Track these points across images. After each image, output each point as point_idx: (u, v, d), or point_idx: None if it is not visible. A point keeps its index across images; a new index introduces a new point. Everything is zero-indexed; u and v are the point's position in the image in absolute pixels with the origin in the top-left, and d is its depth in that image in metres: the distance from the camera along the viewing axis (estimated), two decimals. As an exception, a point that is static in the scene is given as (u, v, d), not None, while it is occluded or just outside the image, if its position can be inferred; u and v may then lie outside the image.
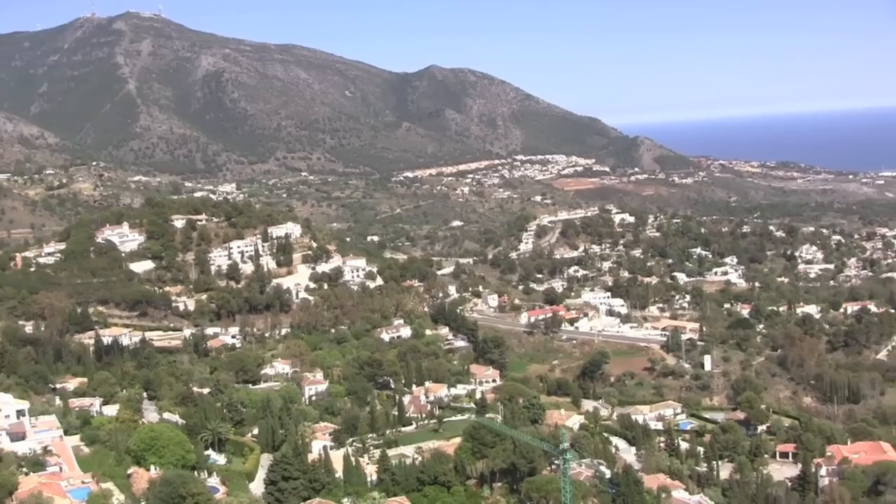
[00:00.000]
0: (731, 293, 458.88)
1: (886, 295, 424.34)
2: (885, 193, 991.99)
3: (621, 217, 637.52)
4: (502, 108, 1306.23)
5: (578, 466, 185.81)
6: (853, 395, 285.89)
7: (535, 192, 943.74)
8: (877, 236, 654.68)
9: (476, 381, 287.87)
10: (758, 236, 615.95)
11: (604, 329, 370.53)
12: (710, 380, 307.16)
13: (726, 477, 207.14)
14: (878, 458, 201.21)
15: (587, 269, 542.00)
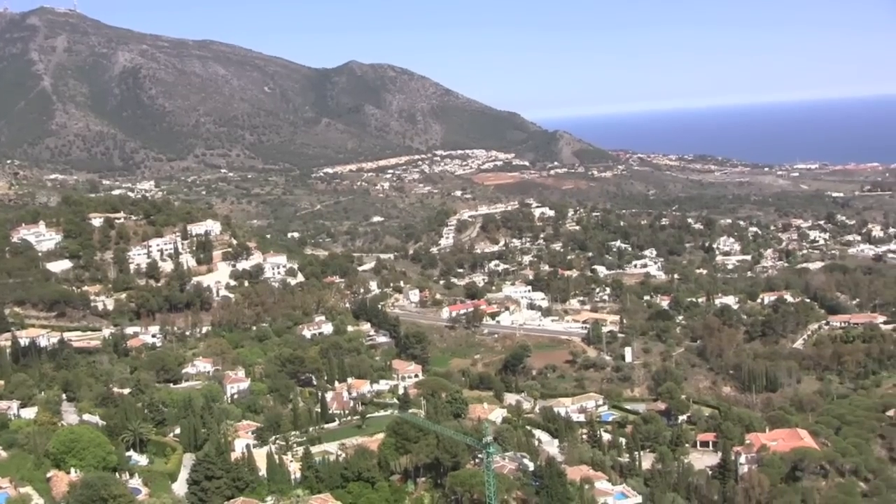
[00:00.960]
0: (650, 285, 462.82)
1: (802, 285, 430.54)
2: (799, 185, 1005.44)
3: (541, 211, 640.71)
4: (422, 104, 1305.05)
5: (502, 460, 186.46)
6: (771, 383, 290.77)
7: (456, 187, 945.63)
8: (792, 227, 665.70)
9: (398, 376, 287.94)
10: (676, 229, 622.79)
11: (525, 323, 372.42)
12: (630, 371, 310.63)
13: (648, 467, 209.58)
14: (795, 445, 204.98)
15: (508, 263, 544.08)
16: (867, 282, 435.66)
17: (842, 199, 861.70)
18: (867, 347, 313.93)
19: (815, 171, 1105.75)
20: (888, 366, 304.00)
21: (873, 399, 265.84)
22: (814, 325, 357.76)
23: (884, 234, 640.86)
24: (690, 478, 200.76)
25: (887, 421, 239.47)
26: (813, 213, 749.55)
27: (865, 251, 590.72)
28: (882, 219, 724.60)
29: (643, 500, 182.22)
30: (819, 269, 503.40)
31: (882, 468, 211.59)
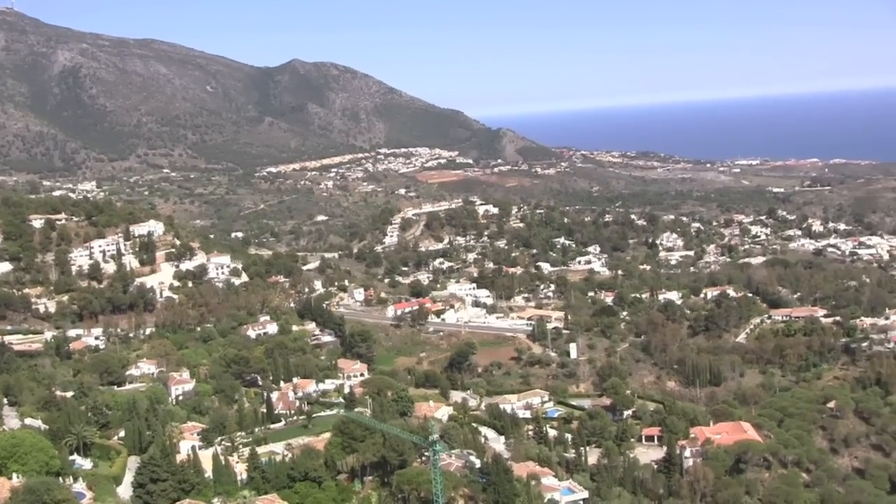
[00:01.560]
0: (594, 281, 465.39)
1: (744, 280, 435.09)
2: (741, 181, 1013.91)
3: (485, 208, 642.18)
4: (365, 102, 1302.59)
5: (448, 457, 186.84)
6: (714, 377, 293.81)
7: (399, 186, 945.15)
8: (734, 223, 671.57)
9: (344, 375, 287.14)
10: (620, 225, 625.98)
11: (470, 320, 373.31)
12: (576, 367, 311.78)
13: (594, 462, 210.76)
14: (738, 438, 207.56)
15: (452, 260, 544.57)
16: (808, 276, 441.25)
17: (782, 194, 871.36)
18: (808, 341, 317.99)
19: (757, 167, 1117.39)
20: (828, 358, 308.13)
21: (814, 391, 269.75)
22: (756, 320, 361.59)
23: (823, 229, 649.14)
24: (636, 472, 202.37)
25: (828, 413, 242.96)
26: (754, 208, 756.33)
27: (806, 246, 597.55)
28: (822, 214, 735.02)
29: (589, 496, 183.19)
30: (761, 263, 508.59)
31: (823, 459, 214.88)
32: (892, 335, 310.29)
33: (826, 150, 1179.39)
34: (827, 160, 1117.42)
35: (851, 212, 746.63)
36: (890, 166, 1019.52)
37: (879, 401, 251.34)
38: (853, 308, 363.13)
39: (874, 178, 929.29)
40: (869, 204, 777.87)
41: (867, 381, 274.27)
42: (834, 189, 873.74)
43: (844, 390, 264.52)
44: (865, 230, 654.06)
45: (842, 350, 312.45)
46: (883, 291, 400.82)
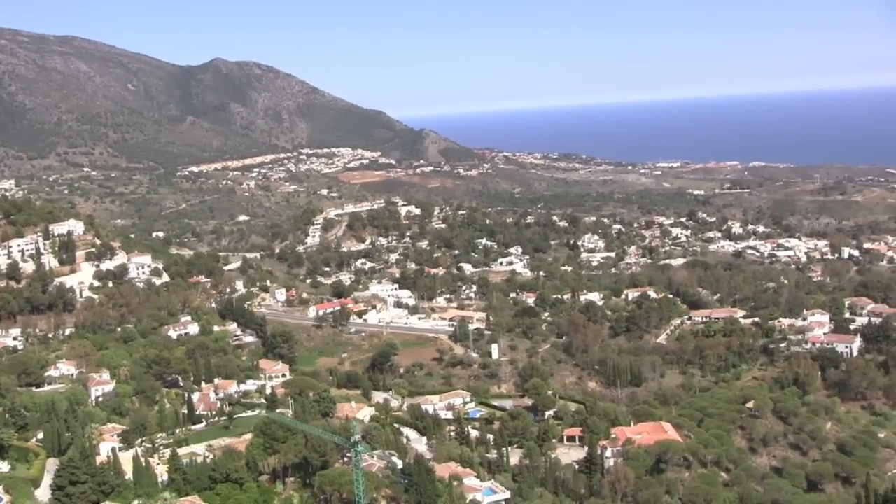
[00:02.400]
0: (516, 282, 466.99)
1: (665, 281, 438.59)
2: (661, 183, 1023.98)
3: (407, 209, 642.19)
4: (288, 102, 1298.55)
5: (370, 458, 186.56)
6: (635, 378, 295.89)
7: (322, 186, 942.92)
8: (655, 225, 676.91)
9: (266, 376, 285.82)
10: (541, 226, 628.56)
11: (392, 321, 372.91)
12: (497, 368, 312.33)
13: (516, 462, 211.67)
14: (659, 438, 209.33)
15: (374, 261, 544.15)
16: (727, 277, 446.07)
17: (703, 196, 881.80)
18: (728, 341, 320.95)
19: (677, 170, 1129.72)
20: (748, 359, 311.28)
21: (734, 391, 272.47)
22: (676, 321, 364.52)
23: (743, 231, 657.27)
24: (558, 472, 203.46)
25: (747, 412, 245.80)
26: (675, 210, 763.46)
27: (726, 247, 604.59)
28: (741, 216, 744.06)
29: (511, 496, 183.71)
30: (681, 265, 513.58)
31: (742, 458, 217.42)
32: (810, 336, 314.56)
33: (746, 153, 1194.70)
34: (747, 163, 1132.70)
35: (770, 214, 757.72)
36: (808, 169, 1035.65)
37: (797, 400, 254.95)
38: (772, 309, 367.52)
39: (792, 181, 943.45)
40: (787, 206, 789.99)
41: (785, 381, 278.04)
42: (753, 192, 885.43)
43: (763, 390, 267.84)
44: (784, 232, 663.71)
45: (760, 351, 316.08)
46: (800, 293, 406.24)
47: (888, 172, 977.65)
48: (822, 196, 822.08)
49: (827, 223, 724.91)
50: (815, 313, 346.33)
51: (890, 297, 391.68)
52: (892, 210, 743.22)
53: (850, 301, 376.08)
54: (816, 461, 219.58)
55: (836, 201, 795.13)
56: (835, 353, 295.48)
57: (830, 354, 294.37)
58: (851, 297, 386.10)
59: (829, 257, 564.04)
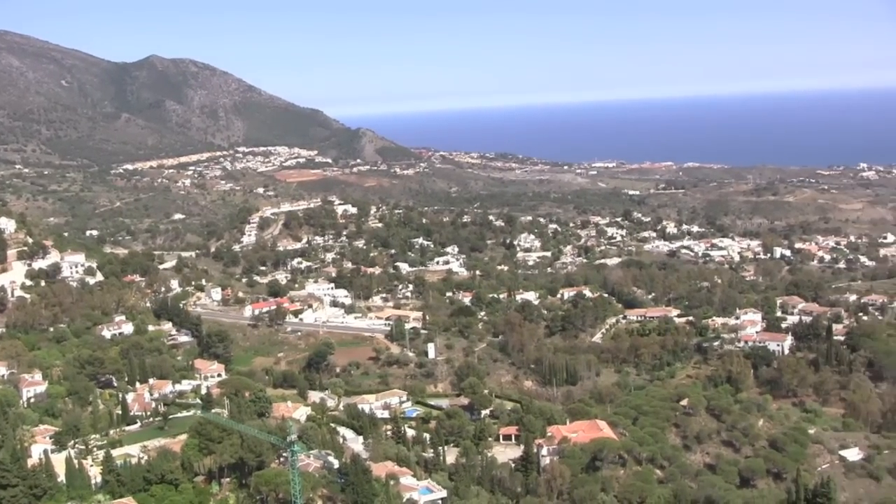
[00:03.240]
0: (452, 282, 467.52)
1: (600, 280, 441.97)
2: (597, 183, 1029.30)
3: (344, 208, 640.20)
4: (224, 100, 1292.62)
5: (307, 458, 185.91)
6: (571, 376, 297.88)
7: (258, 184, 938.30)
8: (590, 224, 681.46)
9: (201, 376, 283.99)
10: (478, 226, 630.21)
11: (328, 320, 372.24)
12: (434, 367, 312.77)
13: (452, 461, 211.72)
14: (594, 436, 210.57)
15: (311, 260, 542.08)
16: (662, 277, 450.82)
17: (638, 196, 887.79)
18: (662, 340, 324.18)
19: (613, 170, 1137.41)
20: (682, 357, 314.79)
21: (668, 389, 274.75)
22: (612, 319, 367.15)
23: (677, 231, 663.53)
24: (494, 471, 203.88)
25: (681, 410, 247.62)
26: (610, 210, 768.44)
27: (660, 247, 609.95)
28: (675, 216, 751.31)
29: (448, 495, 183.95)
30: (616, 264, 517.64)
31: (677, 455, 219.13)
32: (742, 334, 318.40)
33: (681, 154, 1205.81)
34: (681, 164, 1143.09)
35: (704, 214, 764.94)
36: (741, 170, 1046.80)
37: (730, 398, 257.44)
38: (705, 308, 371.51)
39: (726, 182, 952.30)
40: (721, 207, 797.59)
41: (718, 379, 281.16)
42: (688, 192, 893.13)
43: (697, 388, 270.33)
44: (717, 232, 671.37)
45: (694, 349, 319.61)
46: (734, 292, 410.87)
47: (819, 174, 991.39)
48: (755, 197, 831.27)
49: (759, 223, 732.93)
50: (747, 312, 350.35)
51: (820, 296, 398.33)
52: (822, 211, 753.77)
53: (781, 300, 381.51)
54: (748, 457, 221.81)
55: (769, 202, 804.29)
56: (767, 352, 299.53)
57: (762, 353, 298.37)
58: (783, 296, 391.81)
59: (762, 257, 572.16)
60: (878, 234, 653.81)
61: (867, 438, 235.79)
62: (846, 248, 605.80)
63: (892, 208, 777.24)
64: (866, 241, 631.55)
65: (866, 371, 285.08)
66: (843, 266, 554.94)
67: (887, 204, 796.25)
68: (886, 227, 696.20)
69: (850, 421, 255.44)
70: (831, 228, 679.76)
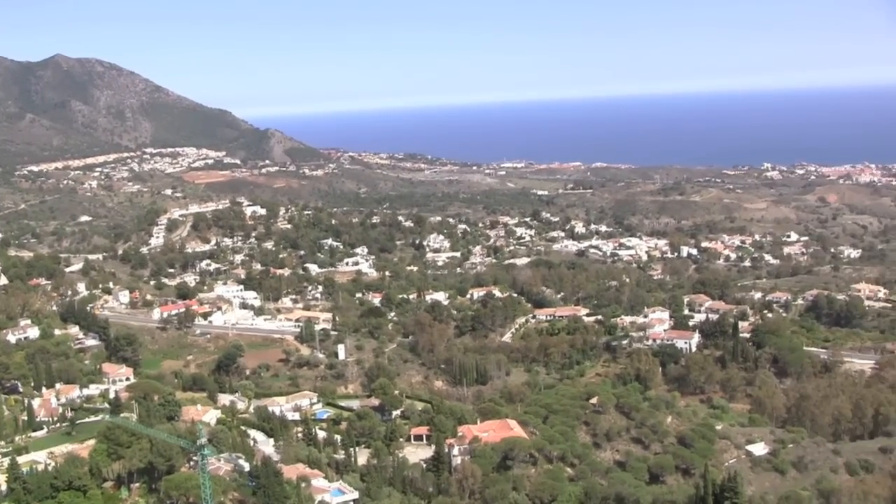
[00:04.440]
0: (362, 283, 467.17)
1: (509, 280, 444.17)
2: (506, 184, 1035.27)
3: (253, 209, 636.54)
4: (131, 100, 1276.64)
5: (217, 461, 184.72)
6: (481, 376, 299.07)
7: (166, 186, 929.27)
8: (499, 224, 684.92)
9: (109, 380, 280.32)
10: (387, 226, 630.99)
11: (238, 322, 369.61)
12: (344, 368, 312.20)
13: (364, 462, 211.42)
14: (505, 435, 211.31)
15: (220, 262, 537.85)
16: (570, 276, 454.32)
17: (546, 196, 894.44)
18: (571, 339, 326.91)
19: (522, 170, 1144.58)
20: (591, 356, 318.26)
21: (578, 388, 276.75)
22: (521, 319, 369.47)
23: (586, 231, 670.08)
24: (406, 471, 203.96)
25: (591, 408, 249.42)
26: (519, 210, 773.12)
27: (569, 247, 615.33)
28: (584, 215, 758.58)
29: (360, 496, 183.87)
30: (525, 264, 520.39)
31: (587, 453, 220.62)
32: (650, 333, 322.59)
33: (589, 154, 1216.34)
34: (589, 164, 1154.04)
35: (612, 214, 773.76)
36: (648, 170, 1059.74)
37: (639, 396, 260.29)
38: (614, 307, 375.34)
39: (633, 182, 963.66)
40: (628, 207, 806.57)
41: (627, 377, 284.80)
42: (596, 192, 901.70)
43: (606, 386, 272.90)
44: (625, 232, 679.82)
45: (603, 348, 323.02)
46: (641, 291, 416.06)
47: (724, 174, 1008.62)
48: (662, 196, 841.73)
49: (667, 223, 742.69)
50: (655, 310, 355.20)
51: (726, 294, 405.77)
52: (728, 210, 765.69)
53: (688, 298, 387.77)
54: (658, 454, 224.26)
55: (676, 201, 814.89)
56: (674, 349, 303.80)
57: (670, 350, 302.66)
58: (690, 295, 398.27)
59: (669, 256, 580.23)
60: (781, 233, 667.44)
61: (772, 433, 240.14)
62: (751, 246, 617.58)
63: (796, 207, 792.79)
64: (770, 239, 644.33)
65: (771, 367, 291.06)
66: (748, 264, 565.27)
67: (790, 203, 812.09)
68: (790, 225, 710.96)
69: (755, 416, 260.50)
70: (737, 227, 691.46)
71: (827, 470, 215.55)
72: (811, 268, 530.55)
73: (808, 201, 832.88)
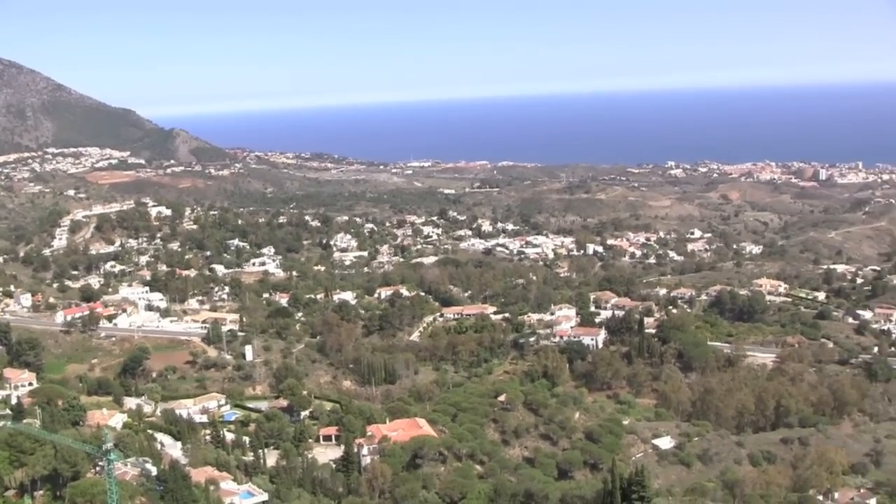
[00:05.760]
0: (269, 283, 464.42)
1: (417, 279, 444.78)
2: (413, 183, 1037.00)
3: (158, 210, 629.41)
4: (32, 99, 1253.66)
5: (124, 466, 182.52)
6: (390, 375, 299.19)
7: (69, 187, 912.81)
8: (406, 224, 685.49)
9: (11, 385, 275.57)
10: (294, 226, 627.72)
11: (144, 324, 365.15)
12: (252, 369, 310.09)
13: (273, 464, 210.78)
14: (414, 434, 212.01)
15: (124, 263, 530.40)
16: (478, 274, 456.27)
17: (453, 195, 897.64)
18: (479, 337, 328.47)
19: (428, 169, 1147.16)
20: (498, 354, 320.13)
21: (486, 386, 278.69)
22: (429, 318, 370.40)
23: (492, 229, 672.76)
24: (315, 472, 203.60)
25: (499, 406, 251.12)
26: (426, 209, 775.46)
27: (476, 245, 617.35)
28: (491, 214, 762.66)
29: (269, 498, 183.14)
30: (433, 263, 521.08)
31: (496, 450, 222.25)
32: (558, 330, 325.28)
33: (495, 153, 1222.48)
34: (496, 163, 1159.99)
35: (519, 212, 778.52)
36: (554, 169, 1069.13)
37: (546, 392, 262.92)
38: (521, 305, 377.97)
39: (539, 180, 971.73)
40: (535, 205, 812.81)
41: (535, 374, 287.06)
42: (502, 190, 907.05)
43: (514, 384, 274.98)
44: (532, 230, 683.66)
45: (511, 345, 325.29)
46: (548, 288, 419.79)
47: (629, 172, 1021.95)
48: (568, 195, 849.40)
49: (573, 221, 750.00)
50: (562, 308, 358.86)
51: (632, 290, 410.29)
52: (633, 208, 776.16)
53: (594, 295, 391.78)
54: (566, 450, 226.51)
55: (581, 199, 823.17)
56: (581, 346, 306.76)
57: (577, 347, 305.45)
58: (596, 292, 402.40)
59: (575, 254, 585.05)
60: (685, 230, 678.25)
61: (678, 427, 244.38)
62: (656, 243, 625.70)
63: (699, 205, 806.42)
64: (675, 236, 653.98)
65: (676, 362, 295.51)
66: (653, 261, 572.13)
67: (694, 201, 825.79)
68: (693, 222, 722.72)
69: (661, 411, 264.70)
70: (641, 225, 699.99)
71: (731, 462, 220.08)
72: (714, 264, 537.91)
73: (711, 199, 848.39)
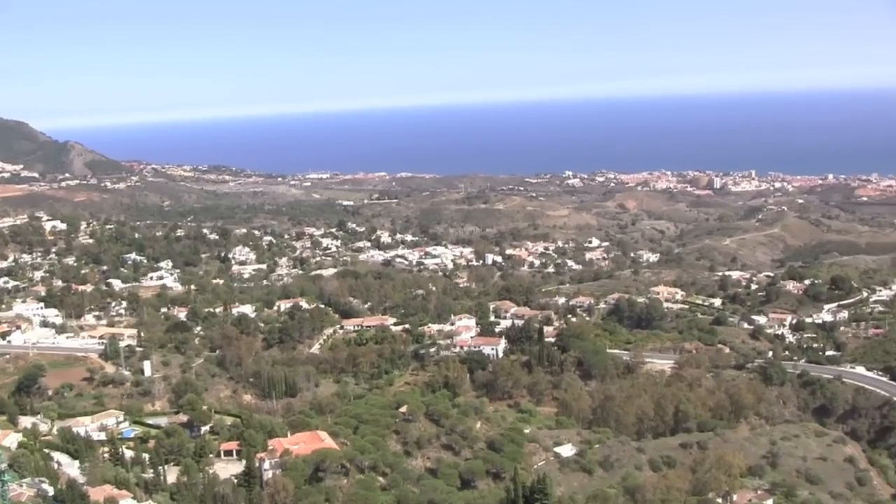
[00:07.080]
0: (167, 297, 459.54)
1: (316, 291, 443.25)
2: (311, 195, 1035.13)
3: (53, 224, 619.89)
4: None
5: (19, 487, 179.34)
6: (290, 388, 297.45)
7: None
8: (305, 236, 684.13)
9: None
10: (192, 239, 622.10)
11: (39, 341, 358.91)
12: (150, 385, 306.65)
13: (174, 480, 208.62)
14: (316, 447, 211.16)
15: (18, 279, 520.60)
16: (378, 286, 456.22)
17: (352, 207, 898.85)
18: (380, 349, 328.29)
19: (327, 181, 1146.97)
20: (400, 365, 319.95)
21: (387, 397, 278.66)
22: (329, 330, 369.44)
23: (392, 240, 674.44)
24: (216, 488, 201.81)
25: (401, 417, 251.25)
26: (325, 221, 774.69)
27: (375, 257, 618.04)
28: (390, 225, 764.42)
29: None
30: (332, 275, 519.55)
31: (398, 462, 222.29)
32: (458, 340, 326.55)
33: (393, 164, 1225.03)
34: (394, 174, 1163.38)
35: (418, 223, 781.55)
36: (452, 179, 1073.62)
37: (448, 403, 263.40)
38: (421, 315, 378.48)
39: (438, 191, 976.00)
40: (434, 216, 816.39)
41: (436, 384, 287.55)
42: (401, 202, 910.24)
43: (415, 395, 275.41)
44: (431, 241, 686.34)
45: (412, 356, 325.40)
46: (448, 299, 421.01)
47: (527, 182, 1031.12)
48: (467, 205, 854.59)
49: (471, 231, 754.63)
50: (462, 318, 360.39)
51: (531, 299, 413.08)
52: (531, 217, 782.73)
53: (494, 305, 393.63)
54: (468, 460, 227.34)
55: (480, 210, 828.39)
56: (482, 356, 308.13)
57: (478, 357, 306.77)
58: (496, 301, 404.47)
59: (475, 264, 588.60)
60: (583, 239, 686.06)
61: (579, 434, 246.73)
62: (554, 252, 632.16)
63: (597, 214, 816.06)
64: (573, 245, 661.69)
65: (576, 370, 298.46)
66: (551, 270, 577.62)
67: (592, 210, 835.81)
68: (591, 231, 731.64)
69: (562, 419, 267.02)
70: (540, 234, 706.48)
71: (632, 467, 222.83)
72: (612, 272, 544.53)
73: (609, 208, 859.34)
